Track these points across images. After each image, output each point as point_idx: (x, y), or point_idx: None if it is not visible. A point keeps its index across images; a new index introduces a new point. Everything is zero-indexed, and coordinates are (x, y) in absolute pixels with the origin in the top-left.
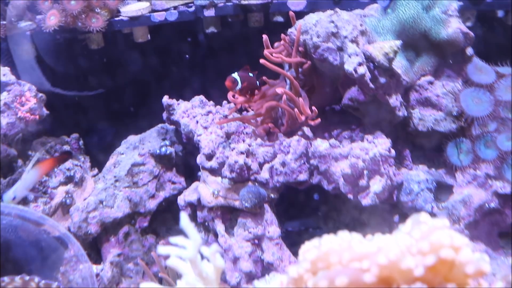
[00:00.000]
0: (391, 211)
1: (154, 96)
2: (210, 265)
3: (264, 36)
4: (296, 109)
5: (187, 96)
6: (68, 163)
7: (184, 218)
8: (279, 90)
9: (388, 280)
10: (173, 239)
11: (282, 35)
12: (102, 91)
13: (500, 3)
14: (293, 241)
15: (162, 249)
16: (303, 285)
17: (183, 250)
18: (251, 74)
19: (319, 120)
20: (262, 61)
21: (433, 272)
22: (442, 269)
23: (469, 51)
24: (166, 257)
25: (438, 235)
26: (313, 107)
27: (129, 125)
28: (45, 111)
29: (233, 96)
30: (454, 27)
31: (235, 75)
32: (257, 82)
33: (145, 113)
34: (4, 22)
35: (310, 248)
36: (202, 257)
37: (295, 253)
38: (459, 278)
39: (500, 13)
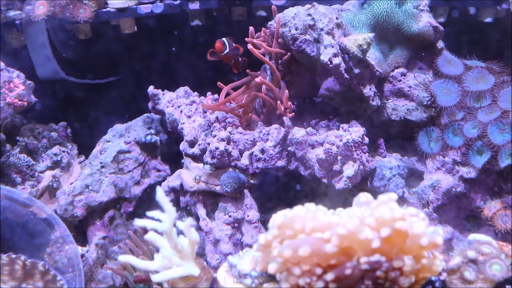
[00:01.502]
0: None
1: (139, 85)
2: (185, 239)
3: (250, 28)
4: (278, 101)
5: (171, 86)
6: (56, 149)
7: (160, 192)
8: (258, 79)
9: (349, 252)
10: (150, 212)
11: (263, 29)
12: (114, 79)
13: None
14: None
15: (138, 221)
16: (270, 254)
17: (159, 223)
18: (234, 44)
19: (293, 114)
20: (249, 46)
21: (389, 244)
22: (397, 240)
23: (440, 44)
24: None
25: (380, 210)
26: (289, 102)
27: (114, 114)
28: (33, 98)
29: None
30: (424, 21)
31: (225, 39)
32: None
33: (131, 102)
34: None
35: (279, 215)
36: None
37: None
38: (414, 250)
39: (472, 10)
